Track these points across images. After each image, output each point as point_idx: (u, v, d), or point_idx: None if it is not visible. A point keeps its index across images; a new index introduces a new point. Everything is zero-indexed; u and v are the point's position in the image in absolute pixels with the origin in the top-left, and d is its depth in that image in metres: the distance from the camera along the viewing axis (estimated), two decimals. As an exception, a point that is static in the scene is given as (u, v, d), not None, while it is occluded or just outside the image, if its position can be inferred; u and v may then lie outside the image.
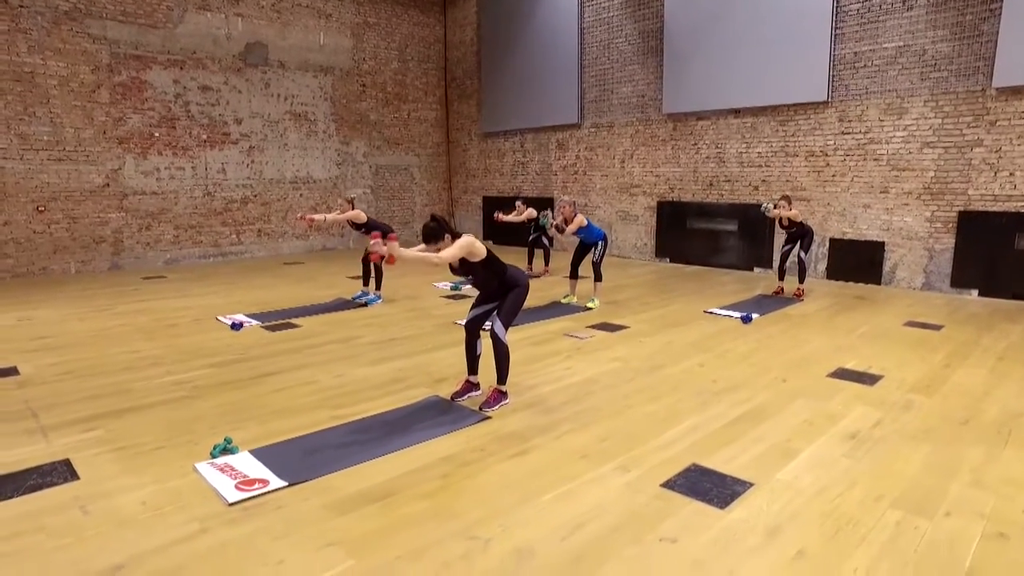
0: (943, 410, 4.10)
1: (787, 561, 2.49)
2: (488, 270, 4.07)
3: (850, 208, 8.78)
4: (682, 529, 2.71)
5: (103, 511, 2.85)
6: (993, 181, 7.58)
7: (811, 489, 3.06)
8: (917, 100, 8.01)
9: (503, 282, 4.14)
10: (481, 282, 4.21)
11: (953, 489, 3.06)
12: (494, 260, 4.06)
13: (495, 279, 4.13)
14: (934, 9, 7.79)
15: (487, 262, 4.02)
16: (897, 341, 5.82)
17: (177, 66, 10.88)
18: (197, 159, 11.22)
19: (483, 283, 4.22)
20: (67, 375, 4.90)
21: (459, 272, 4.05)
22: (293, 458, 3.39)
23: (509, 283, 4.15)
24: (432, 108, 14.99)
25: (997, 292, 7.64)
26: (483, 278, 4.15)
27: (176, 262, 11.17)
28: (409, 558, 2.50)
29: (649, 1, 10.91)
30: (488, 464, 3.35)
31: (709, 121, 10.36)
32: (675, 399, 4.34)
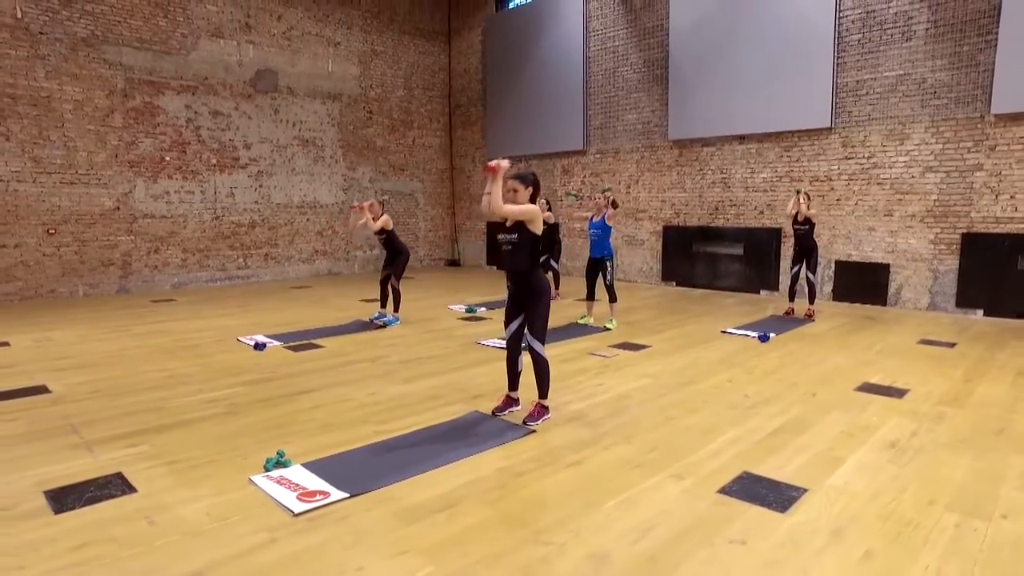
0: (975, 421, 4.20)
1: (856, 561, 2.54)
2: (530, 248, 4.09)
3: (855, 231, 9.00)
4: (748, 532, 2.76)
5: (168, 522, 2.85)
6: (995, 204, 7.83)
7: (864, 494, 3.13)
8: (918, 126, 8.30)
9: (530, 277, 4.13)
10: (514, 257, 4.13)
11: (1004, 493, 3.14)
12: (538, 243, 4.12)
13: (527, 261, 4.11)
14: (932, 40, 8.12)
15: (535, 239, 4.08)
16: (915, 358, 5.95)
17: (189, 91, 11.02)
18: (206, 183, 11.29)
19: (514, 260, 4.13)
20: (97, 393, 4.89)
21: (503, 234, 4.13)
22: (348, 471, 3.40)
23: (534, 283, 4.14)
24: (436, 135, 15.22)
25: (1002, 312, 7.83)
26: (521, 254, 4.09)
27: (183, 285, 11.14)
28: (488, 563, 2.52)
29: (654, 31, 11.26)
30: (544, 474, 3.38)
31: (714, 147, 10.62)
32: (712, 412, 4.40)
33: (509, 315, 4.33)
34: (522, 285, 4.19)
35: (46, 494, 3.11)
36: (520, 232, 4.09)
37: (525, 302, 4.21)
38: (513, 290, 4.26)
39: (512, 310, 4.32)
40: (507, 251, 4.19)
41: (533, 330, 4.19)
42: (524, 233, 4.09)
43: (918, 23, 8.21)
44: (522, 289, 4.19)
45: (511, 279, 4.25)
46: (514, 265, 4.18)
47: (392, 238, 7.76)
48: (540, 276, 4.23)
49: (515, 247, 4.13)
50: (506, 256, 4.22)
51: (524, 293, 4.19)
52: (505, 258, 4.24)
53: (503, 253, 4.24)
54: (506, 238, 4.16)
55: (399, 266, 7.75)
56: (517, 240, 4.11)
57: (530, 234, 4.10)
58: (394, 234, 7.80)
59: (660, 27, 11.16)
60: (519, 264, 4.15)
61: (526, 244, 4.11)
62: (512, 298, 4.30)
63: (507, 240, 4.16)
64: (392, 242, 7.76)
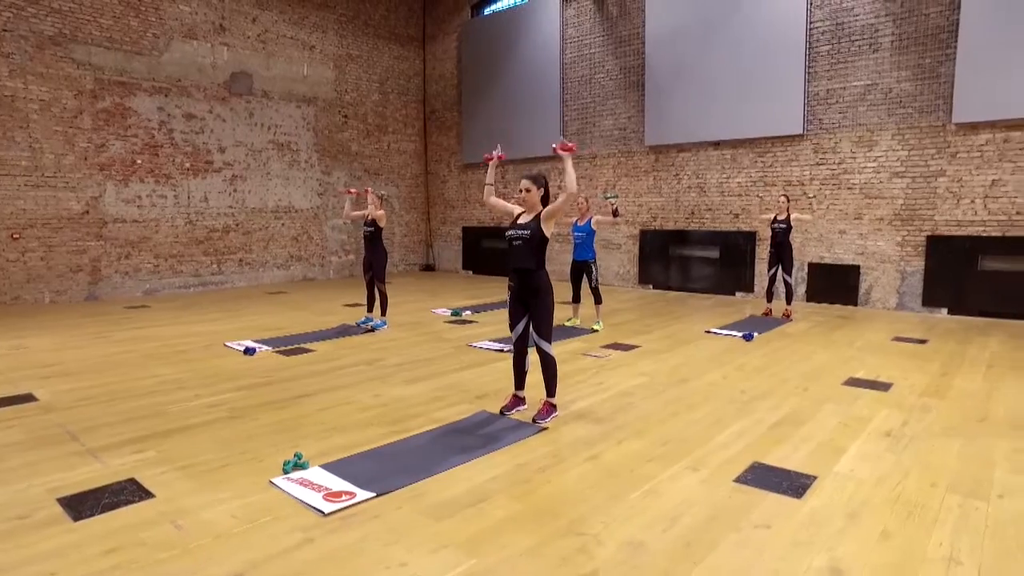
0: (959, 411, 4.44)
1: (875, 540, 2.68)
2: (538, 247, 4.17)
3: (827, 234, 9.36)
4: (771, 517, 2.88)
5: (196, 525, 2.81)
6: (956, 208, 8.26)
7: (871, 479, 3.28)
8: (885, 134, 8.71)
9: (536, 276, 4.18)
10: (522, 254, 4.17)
11: (997, 475, 3.34)
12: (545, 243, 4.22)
13: (534, 260, 4.17)
14: (897, 52, 8.54)
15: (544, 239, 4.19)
16: (892, 354, 6.23)
17: (162, 93, 10.77)
18: (179, 187, 11.04)
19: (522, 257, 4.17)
20: (89, 400, 4.75)
21: (514, 230, 4.21)
22: (368, 471, 3.40)
23: (539, 282, 4.18)
24: (411, 140, 15.19)
25: (965, 310, 8.25)
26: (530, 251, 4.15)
27: (156, 292, 10.84)
28: (529, 555, 2.57)
29: (630, 39, 11.50)
30: (564, 469, 3.45)
31: (690, 153, 10.90)
32: (713, 407, 4.54)
33: (514, 316, 4.37)
34: (527, 283, 4.22)
35: (60, 501, 3.03)
36: (533, 230, 4.15)
37: (530, 301, 4.25)
38: (517, 289, 4.28)
39: (516, 310, 4.35)
40: (516, 247, 4.22)
41: (540, 330, 4.25)
42: (536, 231, 4.15)
43: (884, 36, 8.62)
44: (527, 288, 4.22)
45: (515, 277, 4.27)
46: (521, 262, 4.20)
47: (379, 236, 7.71)
48: (545, 275, 4.28)
49: (525, 243, 4.18)
50: (514, 252, 4.24)
51: (528, 292, 4.23)
52: (513, 254, 4.25)
53: (511, 249, 4.27)
54: (517, 234, 4.20)
55: (380, 268, 7.70)
56: (528, 237, 4.16)
57: (542, 233, 4.17)
58: (381, 233, 7.74)
59: (636, 35, 11.41)
60: (526, 262, 4.19)
61: (536, 242, 4.17)
62: (516, 298, 4.32)
63: (518, 236, 4.20)
64: (376, 240, 7.69)
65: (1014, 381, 5.19)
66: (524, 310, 4.32)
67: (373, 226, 7.63)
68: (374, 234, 7.66)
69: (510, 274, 4.33)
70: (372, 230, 7.65)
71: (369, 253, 7.72)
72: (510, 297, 4.38)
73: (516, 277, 4.27)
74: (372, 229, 7.65)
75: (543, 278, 4.24)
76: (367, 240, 7.72)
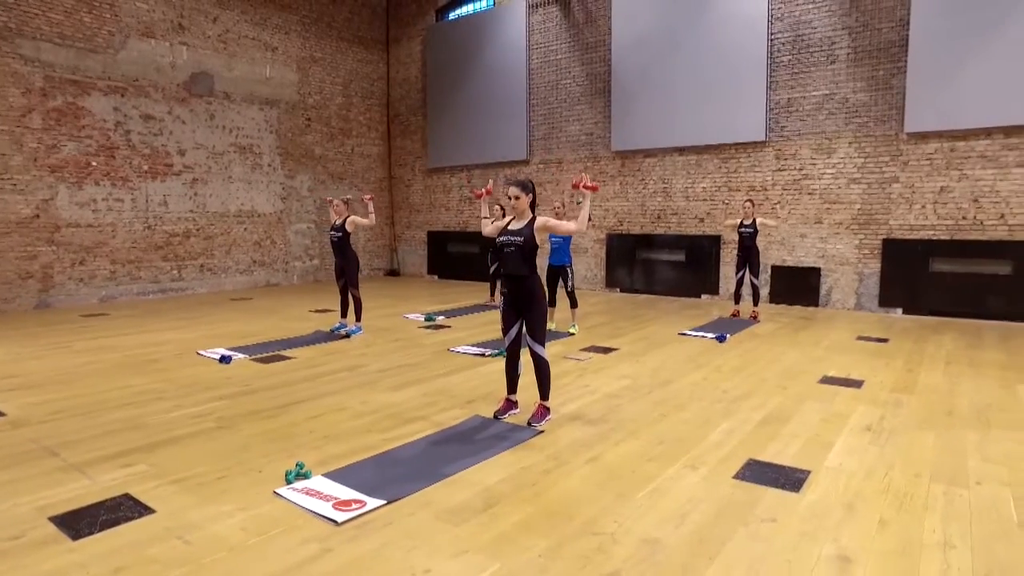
0: (928, 405, 4.69)
1: (875, 528, 2.82)
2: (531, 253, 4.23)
3: (788, 238, 9.72)
4: (774, 511, 2.99)
5: (205, 540, 2.74)
6: (909, 212, 8.71)
7: (860, 472, 3.45)
8: (843, 141, 9.11)
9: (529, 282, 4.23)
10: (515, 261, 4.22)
11: (971, 464, 3.55)
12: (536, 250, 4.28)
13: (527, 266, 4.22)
14: (853, 64, 8.96)
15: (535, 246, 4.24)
16: (858, 352, 6.52)
17: (118, 93, 10.36)
18: (137, 190, 10.63)
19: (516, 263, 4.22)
20: (62, 413, 4.54)
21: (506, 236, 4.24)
22: (372, 479, 3.37)
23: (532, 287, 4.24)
24: (375, 144, 15.04)
25: (918, 310, 8.71)
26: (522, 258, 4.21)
27: (112, 299, 10.40)
28: (549, 556, 2.60)
29: (596, 46, 11.69)
30: (568, 471, 3.50)
31: (656, 158, 11.15)
32: (699, 407, 4.67)
33: (507, 320, 4.40)
34: (520, 289, 4.27)
35: (53, 520, 2.90)
36: (526, 237, 4.20)
37: (523, 307, 4.30)
38: (511, 295, 4.33)
39: (510, 315, 4.39)
40: (509, 253, 4.25)
41: (534, 334, 4.30)
42: (529, 238, 4.20)
43: (840, 48, 9.04)
44: (521, 293, 4.27)
45: (509, 283, 4.31)
46: (515, 268, 4.25)
47: (347, 241, 7.59)
48: (538, 280, 4.34)
49: (518, 249, 4.22)
50: (507, 259, 4.28)
51: (523, 298, 4.28)
52: (505, 261, 4.30)
53: (504, 256, 4.30)
54: (510, 240, 4.24)
55: (352, 273, 7.61)
56: (522, 244, 4.21)
57: (534, 240, 4.22)
58: (349, 238, 7.62)
59: (602, 43, 11.61)
60: (520, 268, 4.24)
61: (528, 249, 4.23)
62: (510, 304, 4.37)
63: (510, 243, 4.24)
64: (344, 246, 7.57)
65: (972, 377, 5.51)
66: (517, 315, 4.35)
67: (341, 231, 7.53)
68: (342, 239, 7.55)
69: (503, 280, 4.37)
70: (340, 235, 7.54)
71: (340, 259, 7.61)
72: (503, 303, 4.41)
73: (510, 283, 4.31)
74: (340, 235, 7.54)
75: (536, 283, 4.29)
76: (335, 246, 7.60)
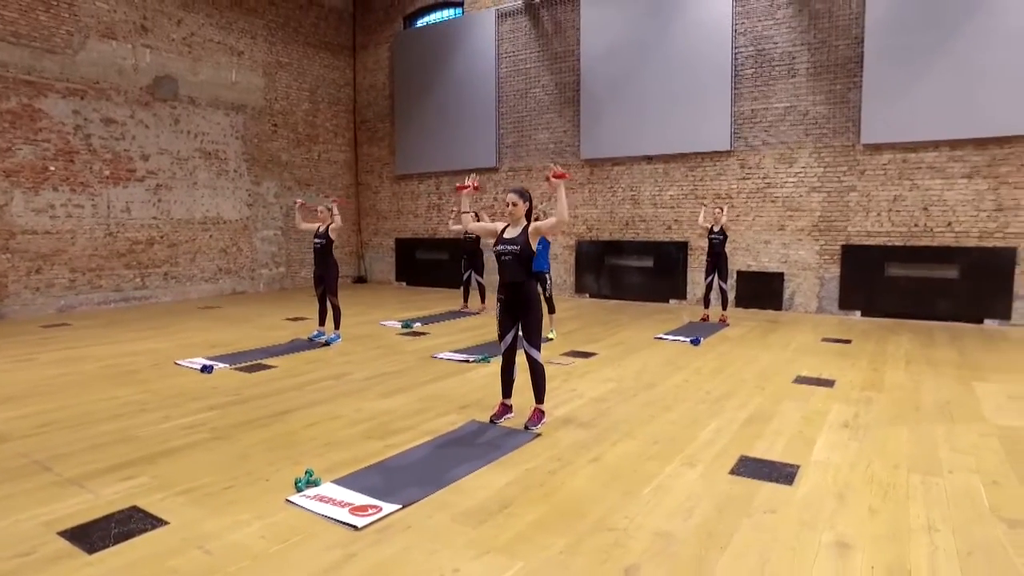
0: (896, 401, 5.00)
1: (866, 515, 3.03)
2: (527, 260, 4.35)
3: (753, 244, 10.11)
4: (772, 503, 3.17)
5: (225, 549, 2.74)
6: (866, 220, 9.19)
7: (844, 465, 3.67)
8: (804, 152, 9.56)
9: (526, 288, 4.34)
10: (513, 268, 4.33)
11: (942, 455, 3.83)
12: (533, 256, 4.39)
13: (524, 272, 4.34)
14: (812, 78, 9.42)
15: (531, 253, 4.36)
16: (825, 353, 6.85)
17: (77, 95, 10.03)
18: (98, 196, 10.29)
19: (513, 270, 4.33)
20: (47, 427, 4.41)
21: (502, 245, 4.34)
22: (382, 484, 3.41)
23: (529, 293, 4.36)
24: (342, 150, 14.93)
25: (875, 312, 9.18)
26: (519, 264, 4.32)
27: (72, 308, 10.03)
28: (570, 553, 2.71)
29: (565, 56, 11.92)
30: (573, 471, 3.61)
31: (624, 167, 11.43)
32: (686, 408, 4.85)
33: (503, 326, 4.49)
34: (518, 295, 4.37)
35: (63, 535, 2.84)
36: (522, 244, 4.31)
37: (520, 313, 4.40)
38: (507, 301, 4.43)
39: (506, 322, 4.49)
40: (506, 261, 4.37)
41: (530, 338, 4.40)
42: (525, 245, 4.31)
43: (800, 63, 9.49)
44: (517, 300, 4.38)
45: (506, 290, 4.42)
46: (513, 276, 4.36)
47: (330, 249, 7.57)
48: (534, 287, 4.45)
49: (515, 257, 4.33)
50: (504, 267, 4.39)
51: (519, 304, 4.39)
52: (502, 269, 4.41)
53: (501, 264, 4.41)
54: (507, 249, 4.34)
55: (332, 281, 7.59)
56: (518, 251, 4.32)
57: (530, 247, 4.34)
58: (331, 245, 7.60)
59: (571, 53, 11.85)
60: (517, 275, 4.35)
61: (525, 256, 4.34)
62: (506, 310, 4.46)
63: (508, 251, 4.34)
64: (326, 253, 7.56)
65: (931, 375, 5.88)
66: (513, 322, 4.46)
67: (324, 238, 7.50)
68: (325, 247, 7.52)
69: (500, 287, 4.47)
70: (323, 242, 7.51)
71: (320, 267, 7.57)
72: (499, 309, 4.50)
73: (507, 290, 4.40)
74: (323, 242, 7.51)
75: (533, 289, 4.41)
76: (317, 253, 7.57)
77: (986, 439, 4.13)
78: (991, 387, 5.43)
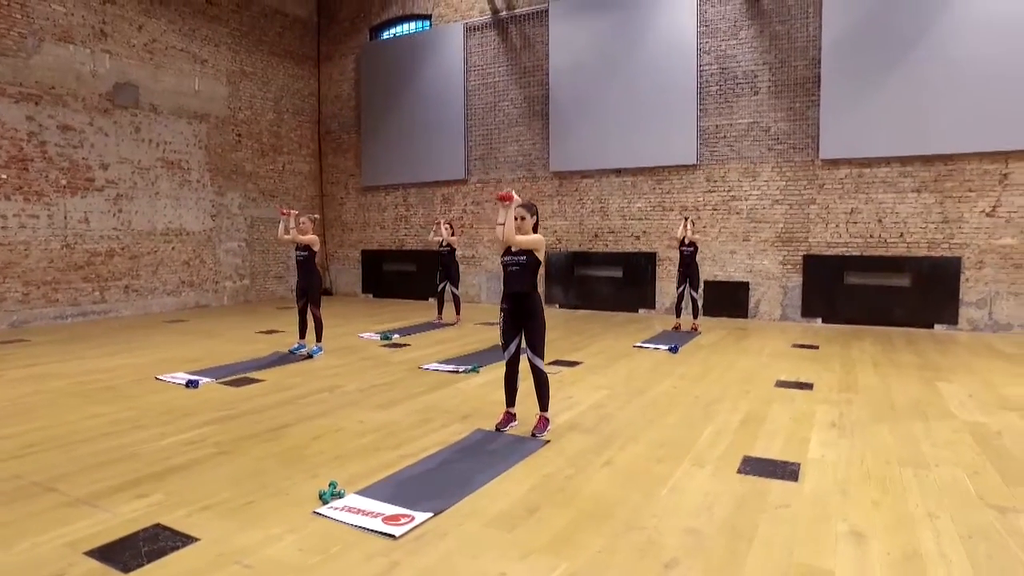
0: (873, 402, 5.31)
1: (870, 507, 3.25)
2: (533, 271, 4.45)
3: (719, 254, 10.50)
4: (784, 498, 3.35)
5: (265, 563, 2.72)
6: (825, 231, 9.70)
7: (840, 462, 3.90)
8: (766, 166, 10.02)
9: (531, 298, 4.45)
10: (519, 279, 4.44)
11: (925, 450, 4.11)
12: (539, 267, 4.48)
13: (530, 283, 4.46)
14: (773, 96, 9.91)
15: (537, 264, 4.46)
16: (797, 358, 7.20)
17: (31, 101, 9.60)
18: (55, 206, 9.86)
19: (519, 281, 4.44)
20: (34, 447, 4.23)
21: (510, 256, 4.44)
22: (403, 494, 3.43)
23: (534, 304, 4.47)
24: (306, 161, 14.73)
25: (836, 319, 9.68)
26: (525, 276, 4.43)
27: (26, 324, 9.54)
28: (608, 551, 2.81)
29: (534, 70, 12.15)
30: (589, 475, 3.72)
31: (593, 179, 11.70)
32: (682, 412, 5.03)
33: (507, 336, 4.58)
34: (522, 306, 4.48)
35: (90, 555, 2.76)
36: (528, 255, 4.42)
37: (525, 322, 4.51)
38: (513, 311, 4.53)
39: (510, 331, 4.57)
40: (512, 272, 4.48)
41: (535, 347, 4.51)
42: (531, 257, 4.43)
43: (762, 81, 9.97)
44: (522, 309, 4.49)
45: (510, 300, 4.51)
46: (519, 286, 4.47)
47: (311, 261, 7.50)
48: (538, 297, 4.57)
49: (521, 268, 4.45)
50: (510, 277, 4.51)
51: (524, 313, 4.49)
52: (509, 279, 4.52)
53: (507, 274, 4.52)
54: (513, 260, 4.46)
55: (315, 293, 7.52)
56: (525, 262, 4.43)
57: (535, 259, 4.45)
58: (314, 257, 7.54)
59: (540, 67, 12.08)
60: (523, 285, 4.47)
61: (531, 267, 4.45)
62: (510, 319, 4.56)
63: (514, 262, 4.45)
64: (309, 265, 7.49)
65: (898, 377, 6.26)
66: (517, 331, 4.56)
67: (307, 251, 7.42)
68: (307, 259, 7.45)
69: (504, 298, 4.56)
70: (305, 255, 7.44)
71: (303, 279, 7.49)
72: (503, 319, 4.58)
73: (511, 300, 4.50)
74: (305, 254, 7.44)
75: (537, 300, 4.52)
76: (300, 265, 7.49)
77: (959, 434, 4.45)
78: (952, 387, 5.83)
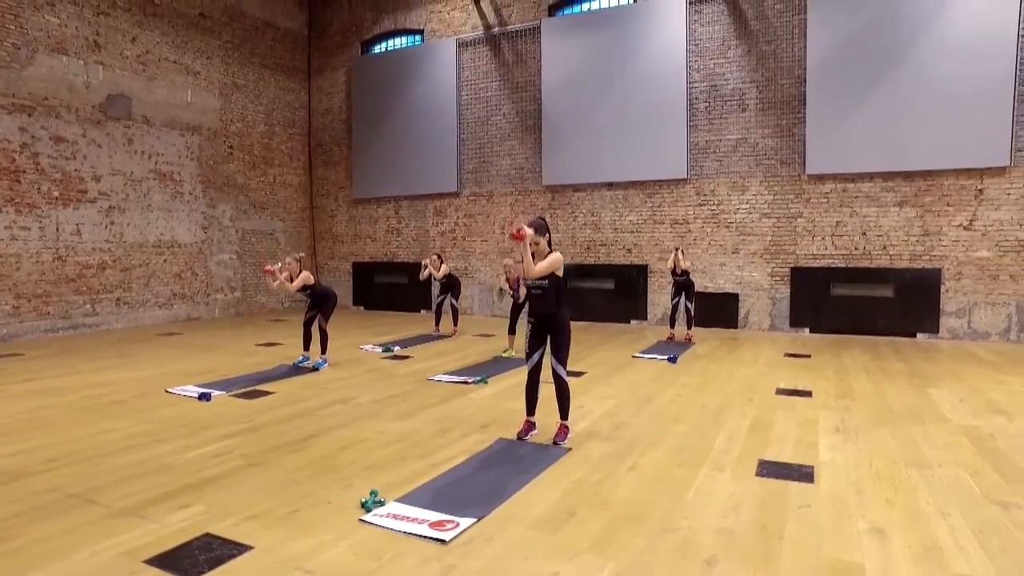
0: (871, 407, 5.56)
1: (885, 505, 3.45)
2: (557, 291, 4.58)
3: (709, 267, 10.80)
4: (804, 498, 3.54)
5: (326, 568, 2.81)
6: (812, 244, 10.05)
7: (851, 464, 4.12)
8: (754, 180, 10.36)
9: (557, 317, 4.60)
10: (543, 302, 4.58)
11: (926, 452, 4.35)
12: (562, 285, 4.62)
13: (555, 304, 4.58)
14: (761, 113, 10.27)
15: (559, 282, 4.58)
16: (792, 367, 7.45)
17: (24, 112, 9.52)
18: (47, 218, 9.75)
19: (544, 304, 4.58)
20: (56, 461, 4.23)
21: (532, 282, 4.54)
22: (445, 500, 3.54)
23: (560, 320, 4.63)
24: (297, 173, 14.74)
25: (823, 329, 10.01)
26: (550, 298, 4.57)
27: (15, 337, 9.39)
28: (649, 551, 2.96)
29: (526, 85, 12.38)
30: (616, 480, 3.87)
31: (585, 193, 11.94)
32: (692, 420, 5.22)
33: (532, 347, 4.73)
34: (551, 323, 4.63)
35: (150, 563, 2.83)
36: (549, 277, 4.56)
37: (552, 335, 4.65)
38: (540, 327, 4.68)
39: (535, 343, 4.72)
40: (536, 295, 4.63)
41: (560, 358, 4.64)
42: (552, 278, 4.57)
43: (750, 99, 10.33)
44: (551, 326, 4.64)
45: (539, 319, 4.66)
46: (544, 308, 4.62)
47: (316, 290, 7.56)
48: (566, 312, 4.69)
49: (545, 291, 4.60)
50: (535, 300, 4.66)
51: (552, 328, 4.64)
52: (534, 302, 4.67)
53: (533, 297, 4.66)
54: (536, 284, 4.58)
55: (328, 308, 7.60)
56: (547, 285, 4.58)
57: (556, 277, 4.59)
58: (317, 284, 7.62)
59: (532, 82, 12.32)
60: (549, 307, 4.61)
61: (554, 287, 4.59)
62: (538, 331, 4.71)
63: (538, 286, 4.58)
64: (318, 296, 7.57)
65: (890, 384, 6.55)
66: (542, 343, 4.71)
67: (307, 289, 7.44)
68: (313, 292, 7.54)
69: (531, 314, 4.70)
70: (309, 292, 7.49)
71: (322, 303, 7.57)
72: (530, 332, 4.74)
73: (540, 319, 4.64)
74: (308, 291, 7.48)
75: (564, 315, 4.66)
76: (312, 299, 7.58)
77: (955, 437, 4.71)
78: (942, 392, 6.12)
